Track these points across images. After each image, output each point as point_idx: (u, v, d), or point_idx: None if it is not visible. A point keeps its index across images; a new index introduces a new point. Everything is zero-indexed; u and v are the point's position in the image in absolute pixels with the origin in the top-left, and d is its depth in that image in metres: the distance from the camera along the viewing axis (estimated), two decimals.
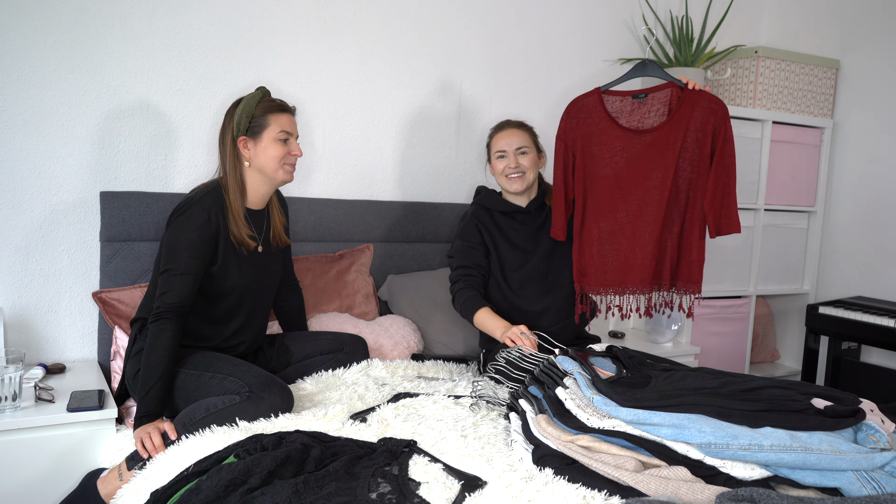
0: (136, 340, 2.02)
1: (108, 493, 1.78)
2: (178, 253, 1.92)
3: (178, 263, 1.92)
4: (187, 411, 1.80)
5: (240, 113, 1.99)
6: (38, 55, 2.24)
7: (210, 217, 1.96)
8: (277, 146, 2.01)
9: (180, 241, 1.93)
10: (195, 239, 1.93)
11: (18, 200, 2.27)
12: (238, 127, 1.99)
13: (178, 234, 1.94)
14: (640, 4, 3.35)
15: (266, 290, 2.16)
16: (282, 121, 2.02)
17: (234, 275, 2.02)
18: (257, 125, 2.00)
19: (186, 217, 1.95)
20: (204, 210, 1.95)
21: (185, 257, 1.92)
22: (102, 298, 2.26)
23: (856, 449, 1.35)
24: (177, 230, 1.95)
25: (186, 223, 1.94)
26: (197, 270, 1.94)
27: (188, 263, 1.92)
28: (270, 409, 1.79)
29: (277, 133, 2.01)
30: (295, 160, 2.07)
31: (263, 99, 2.03)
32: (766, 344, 3.59)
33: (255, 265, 2.08)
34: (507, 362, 2.05)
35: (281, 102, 2.05)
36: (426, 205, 2.87)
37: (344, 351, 2.23)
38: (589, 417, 1.49)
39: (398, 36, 2.82)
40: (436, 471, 1.47)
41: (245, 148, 2.01)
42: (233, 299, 2.04)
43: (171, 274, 1.91)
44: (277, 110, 2.03)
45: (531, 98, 3.13)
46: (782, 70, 3.29)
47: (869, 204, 3.33)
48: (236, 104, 2.03)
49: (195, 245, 1.93)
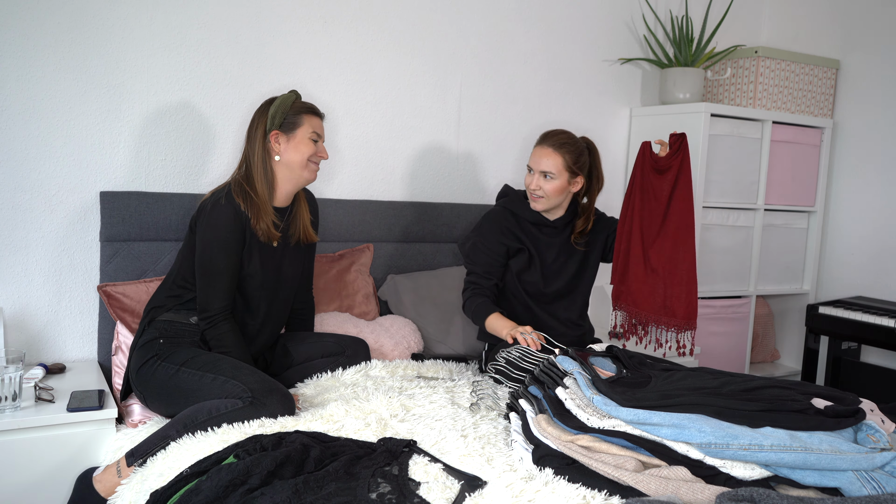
0: (144, 331, 2.03)
1: (106, 489, 1.78)
2: (213, 253, 1.99)
3: (217, 264, 1.99)
4: (189, 412, 1.79)
5: (276, 108, 2.04)
6: (38, 55, 2.24)
7: (237, 212, 2.01)
8: (308, 144, 2.07)
9: (214, 241, 1.99)
10: (226, 237, 1.99)
11: (18, 200, 2.27)
12: (273, 121, 2.04)
13: (210, 235, 1.99)
14: (640, 4, 3.35)
15: (283, 286, 2.16)
16: (314, 122, 2.10)
17: (255, 264, 2.06)
18: (291, 122, 2.06)
19: (216, 216, 1.99)
20: (231, 205, 2.00)
21: (221, 257, 1.99)
22: (107, 292, 2.26)
23: (856, 449, 1.35)
24: (209, 230, 1.99)
25: (217, 222, 1.99)
26: (234, 267, 2.02)
27: (225, 263, 1.99)
28: (272, 416, 1.79)
29: (310, 133, 2.08)
30: (320, 161, 2.14)
31: (297, 100, 2.09)
32: (766, 344, 3.59)
33: (273, 259, 2.11)
34: (507, 362, 2.05)
35: (313, 107, 2.12)
36: (426, 205, 2.87)
37: (345, 354, 2.23)
38: (589, 417, 1.49)
39: (399, 35, 2.82)
40: (436, 471, 1.47)
41: (276, 142, 2.06)
42: (250, 288, 2.08)
43: (212, 276, 1.99)
44: (311, 112, 2.10)
45: (531, 98, 3.13)
46: (782, 70, 3.29)
47: (869, 204, 3.33)
48: (270, 101, 2.08)
49: (228, 243, 1.99)
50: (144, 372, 1.95)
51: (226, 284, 2.00)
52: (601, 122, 3.32)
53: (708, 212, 3.16)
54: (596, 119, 3.30)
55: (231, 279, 2.01)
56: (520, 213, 2.37)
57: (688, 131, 3.10)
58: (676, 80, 3.18)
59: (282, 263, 2.14)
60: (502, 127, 3.07)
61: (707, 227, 3.17)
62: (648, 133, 3.29)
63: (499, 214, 2.38)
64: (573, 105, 3.24)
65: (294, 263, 2.19)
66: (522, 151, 3.13)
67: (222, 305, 2.00)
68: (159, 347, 1.97)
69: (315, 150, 2.09)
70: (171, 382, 1.91)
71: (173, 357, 1.94)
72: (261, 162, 2.05)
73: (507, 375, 2.03)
